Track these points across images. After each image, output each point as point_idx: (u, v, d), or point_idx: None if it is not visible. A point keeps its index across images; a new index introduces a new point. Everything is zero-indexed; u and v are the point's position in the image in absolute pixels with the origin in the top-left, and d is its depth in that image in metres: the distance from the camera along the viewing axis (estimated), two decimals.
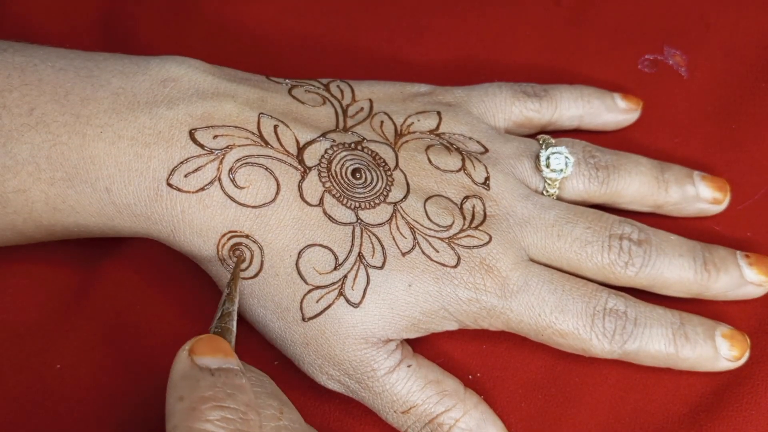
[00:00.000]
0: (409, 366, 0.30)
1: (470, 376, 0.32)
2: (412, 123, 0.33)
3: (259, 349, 0.32)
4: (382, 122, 0.33)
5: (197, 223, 0.29)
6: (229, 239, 0.29)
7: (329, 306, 0.29)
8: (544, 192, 0.33)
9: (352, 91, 0.33)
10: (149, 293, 0.34)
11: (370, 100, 0.33)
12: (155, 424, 0.32)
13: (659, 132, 0.37)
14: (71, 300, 0.34)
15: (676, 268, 0.32)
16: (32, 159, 0.29)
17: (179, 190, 0.29)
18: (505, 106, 0.35)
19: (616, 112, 0.36)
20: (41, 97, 0.29)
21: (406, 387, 0.30)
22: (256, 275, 0.29)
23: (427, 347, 0.32)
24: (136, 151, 0.29)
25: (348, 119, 0.32)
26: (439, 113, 0.33)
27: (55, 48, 0.31)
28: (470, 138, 0.33)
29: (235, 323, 0.27)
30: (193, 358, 0.24)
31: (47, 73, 0.30)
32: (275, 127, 0.30)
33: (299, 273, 0.29)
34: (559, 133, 0.36)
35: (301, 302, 0.29)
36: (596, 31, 0.39)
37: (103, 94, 0.29)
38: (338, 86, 0.33)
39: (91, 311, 0.34)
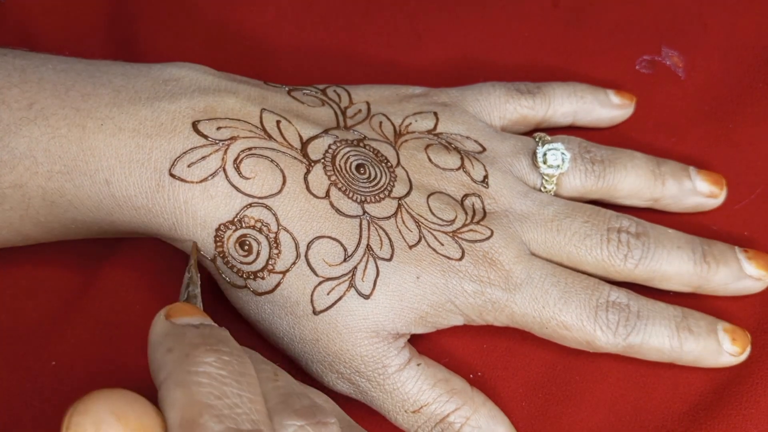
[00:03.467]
0: (418, 364, 0.30)
1: (471, 375, 0.32)
2: (410, 123, 0.33)
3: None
4: (380, 123, 0.33)
5: (201, 214, 0.29)
6: (234, 231, 0.29)
7: (340, 298, 0.29)
8: (542, 188, 0.33)
9: (349, 95, 0.34)
10: (148, 293, 0.34)
11: (367, 103, 0.33)
12: None
13: (656, 132, 0.37)
14: (70, 299, 0.34)
15: (676, 260, 0.32)
16: (30, 153, 0.28)
17: (182, 180, 0.29)
18: (500, 104, 0.35)
19: (609, 107, 0.36)
20: (41, 93, 0.29)
21: (417, 385, 0.30)
22: (262, 270, 0.29)
23: (430, 346, 0.32)
24: (138, 142, 0.29)
25: (347, 119, 0.32)
26: (435, 114, 0.33)
27: (55, 54, 0.31)
28: (468, 137, 0.33)
29: (200, 303, 0.26)
30: (172, 320, 0.23)
31: (48, 74, 0.29)
32: (278, 122, 0.30)
33: (309, 265, 0.29)
34: (555, 131, 0.36)
35: (312, 294, 0.29)
36: (594, 31, 0.39)
37: (104, 90, 0.29)
38: (335, 90, 0.34)
39: (89, 310, 0.33)
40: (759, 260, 0.32)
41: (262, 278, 0.29)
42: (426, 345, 0.32)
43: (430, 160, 0.32)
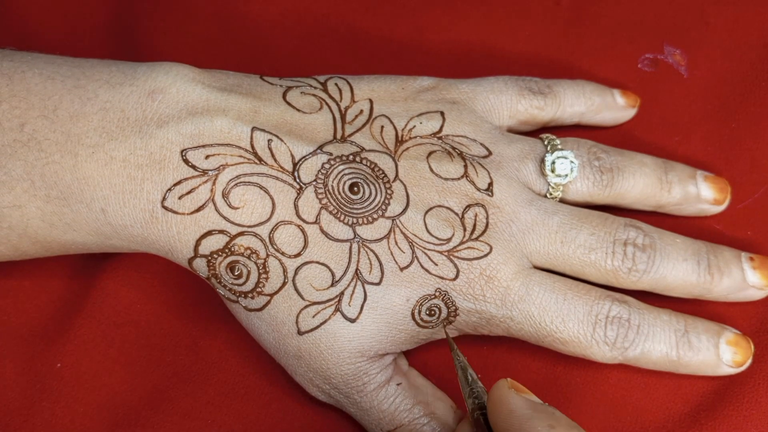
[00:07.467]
0: (398, 384, 0.30)
1: None
2: (414, 127, 0.32)
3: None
4: (382, 127, 0.32)
5: (193, 244, 0.29)
6: (225, 258, 0.29)
7: (325, 321, 0.29)
8: (548, 194, 0.33)
9: (351, 90, 0.32)
10: (149, 292, 0.34)
11: (370, 101, 0.32)
12: (155, 422, 0.32)
13: (659, 130, 0.37)
14: (72, 300, 0.34)
15: (680, 273, 0.31)
16: (27, 176, 0.29)
17: (174, 212, 0.29)
18: (511, 104, 0.34)
19: (615, 109, 0.36)
20: (30, 111, 0.29)
21: (394, 405, 0.30)
22: (251, 291, 0.29)
23: (427, 349, 0.33)
24: (129, 173, 0.29)
25: (346, 126, 0.31)
26: (442, 114, 0.33)
27: (42, 54, 0.31)
28: (474, 140, 0.32)
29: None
30: (522, 395, 0.26)
31: (35, 82, 0.29)
32: (269, 141, 0.30)
33: (296, 289, 0.29)
34: (562, 131, 0.36)
35: (297, 316, 0.29)
36: (596, 30, 0.39)
37: (91, 109, 0.29)
38: (336, 84, 0.32)
39: (91, 310, 0.34)
40: (764, 269, 0.32)
41: (252, 298, 0.30)
42: (425, 346, 0.32)
43: (431, 170, 0.31)
